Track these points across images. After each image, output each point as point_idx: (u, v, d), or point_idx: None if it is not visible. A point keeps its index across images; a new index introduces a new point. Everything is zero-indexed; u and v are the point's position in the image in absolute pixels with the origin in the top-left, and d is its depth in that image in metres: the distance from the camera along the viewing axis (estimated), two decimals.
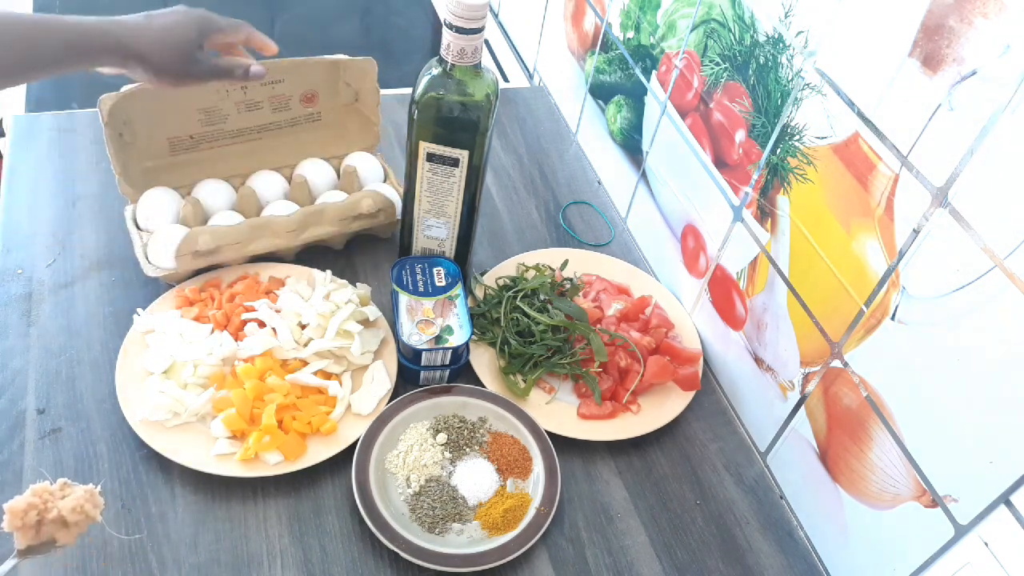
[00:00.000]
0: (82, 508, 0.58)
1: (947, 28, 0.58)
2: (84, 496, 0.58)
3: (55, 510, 0.58)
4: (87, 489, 0.59)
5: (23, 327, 0.84)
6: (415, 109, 0.80)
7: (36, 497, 0.58)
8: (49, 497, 0.58)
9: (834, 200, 0.71)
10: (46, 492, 0.58)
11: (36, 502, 0.58)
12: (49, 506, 0.58)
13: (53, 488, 0.59)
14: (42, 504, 0.58)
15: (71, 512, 0.57)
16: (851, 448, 0.73)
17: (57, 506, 0.58)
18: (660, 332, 0.91)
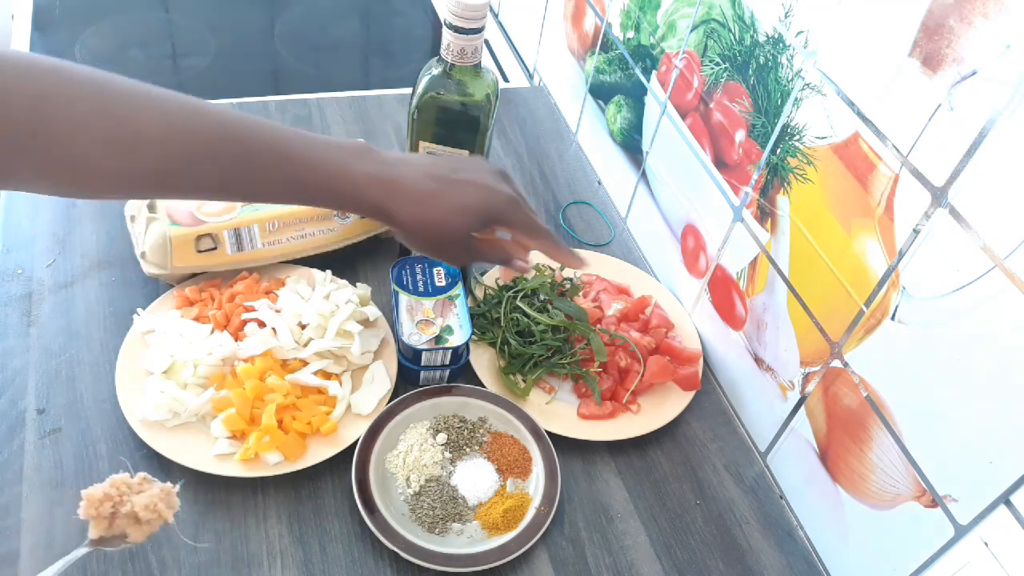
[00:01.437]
0: (156, 507, 0.57)
1: (947, 28, 0.58)
2: (159, 494, 0.58)
3: (129, 504, 0.57)
4: (164, 487, 0.59)
5: (23, 327, 0.84)
6: (415, 109, 0.80)
7: (113, 488, 0.58)
8: (126, 490, 0.58)
9: (834, 200, 0.71)
10: (124, 484, 0.58)
11: (112, 493, 0.57)
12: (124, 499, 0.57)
13: (132, 481, 0.59)
14: (118, 496, 0.57)
15: (144, 509, 0.57)
16: (851, 448, 0.73)
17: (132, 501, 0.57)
18: (660, 332, 0.91)
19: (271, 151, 0.59)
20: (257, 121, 0.60)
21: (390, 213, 0.63)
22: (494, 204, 0.65)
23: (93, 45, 1.27)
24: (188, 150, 0.57)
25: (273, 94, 1.21)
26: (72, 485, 0.73)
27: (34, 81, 0.52)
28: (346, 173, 0.61)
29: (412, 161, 0.64)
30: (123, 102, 0.55)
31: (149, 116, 0.55)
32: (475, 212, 0.65)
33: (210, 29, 1.37)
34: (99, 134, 0.54)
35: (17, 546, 0.69)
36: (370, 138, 1.12)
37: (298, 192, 0.61)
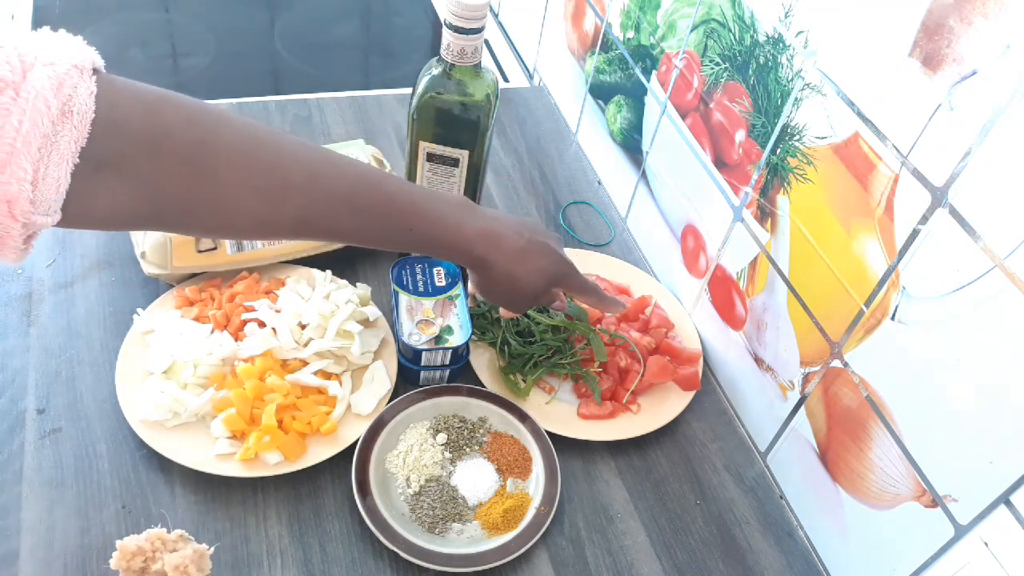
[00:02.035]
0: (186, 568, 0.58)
1: (947, 28, 0.58)
2: (192, 556, 0.58)
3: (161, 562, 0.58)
4: (197, 549, 0.59)
5: (23, 327, 0.84)
6: (415, 109, 0.80)
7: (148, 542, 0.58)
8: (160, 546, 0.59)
9: (834, 200, 0.71)
10: (159, 540, 0.59)
11: (146, 548, 0.58)
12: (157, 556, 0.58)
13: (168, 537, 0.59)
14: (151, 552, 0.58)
15: (174, 569, 0.57)
16: (851, 448, 0.73)
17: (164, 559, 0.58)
18: (660, 332, 0.91)
19: (401, 205, 0.65)
20: (385, 175, 0.66)
21: (492, 264, 0.70)
22: (561, 269, 0.75)
23: (93, 45, 1.27)
24: (329, 199, 0.61)
25: (273, 94, 1.21)
26: (72, 485, 0.73)
27: (195, 127, 0.55)
28: (461, 229, 0.68)
29: (504, 218, 0.72)
30: (273, 151, 0.59)
31: (296, 165, 0.59)
32: (548, 275, 0.74)
33: (210, 29, 1.37)
34: (251, 181, 0.58)
35: (17, 546, 0.69)
36: (370, 138, 1.12)
37: (419, 243, 0.68)
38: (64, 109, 0.48)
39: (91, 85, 0.50)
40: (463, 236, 0.68)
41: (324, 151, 0.63)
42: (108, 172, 0.52)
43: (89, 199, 0.52)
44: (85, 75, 0.50)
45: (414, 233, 0.67)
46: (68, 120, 0.48)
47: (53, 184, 0.49)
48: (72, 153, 0.49)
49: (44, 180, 0.48)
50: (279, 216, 0.61)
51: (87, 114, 0.49)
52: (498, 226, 0.70)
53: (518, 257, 0.70)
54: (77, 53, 0.50)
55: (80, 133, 0.49)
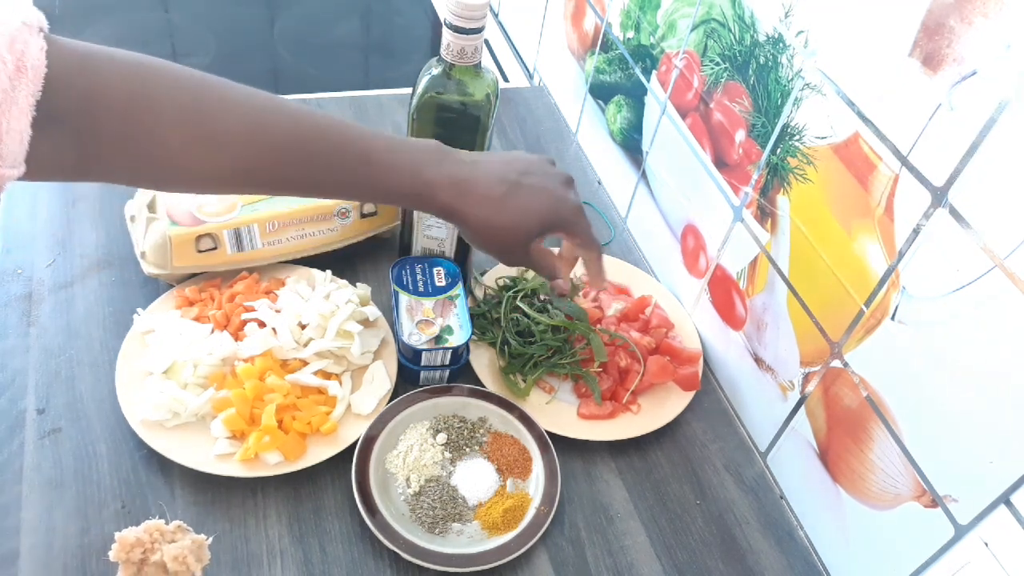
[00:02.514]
0: (184, 559, 0.58)
1: (947, 28, 0.58)
2: (191, 546, 0.59)
3: (160, 553, 0.58)
4: (196, 539, 0.59)
5: (23, 327, 0.84)
6: (415, 109, 0.80)
7: (147, 534, 0.58)
8: (159, 537, 0.59)
9: (834, 200, 0.71)
10: (157, 531, 0.59)
11: (145, 539, 0.58)
12: (156, 547, 0.58)
13: (167, 529, 0.59)
14: (150, 543, 0.58)
15: (173, 560, 0.58)
16: (851, 448, 0.73)
17: (163, 550, 0.58)
18: (660, 332, 0.91)
19: (352, 153, 0.62)
20: (338, 121, 0.62)
21: (462, 215, 0.65)
22: (560, 212, 0.68)
23: None
24: (272, 150, 0.59)
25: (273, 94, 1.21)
26: (72, 485, 0.73)
27: (129, 81, 0.55)
28: (421, 176, 0.63)
29: (484, 163, 0.66)
30: (214, 101, 0.58)
31: (234, 116, 0.58)
32: (541, 219, 0.67)
33: (210, 29, 1.37)
34: (187, 134, 0.57)
35: (17, 546, 0.69)
36: None
37: (375, 192, 0.64)
38: (19, 65, 0.49)
39: (41, 41, 0.51)
40: (425, 184, 0.63)
41: (272, 98, 0.60)
42: (54, 126, 0.53)
43: (41, 153, 0.52)
44: (34, 32, 0.51)
45: (372, 182, 0.63)
46: (23, 75, 0.49)
47: (17, 137, 0.50)
48: (29, 106, 0.50)
49: (8, 134, 0.49)
50: (221, 168, 0.59)
51: (40, 69, 0.50)
52: (472, 172, 0.65)
53: (495, 203, 0.65)
54: (25, 12, 0.51)
55: (35, 87, 0.50)
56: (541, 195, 0.67)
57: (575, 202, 0.69)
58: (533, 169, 0.68)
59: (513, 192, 0.65)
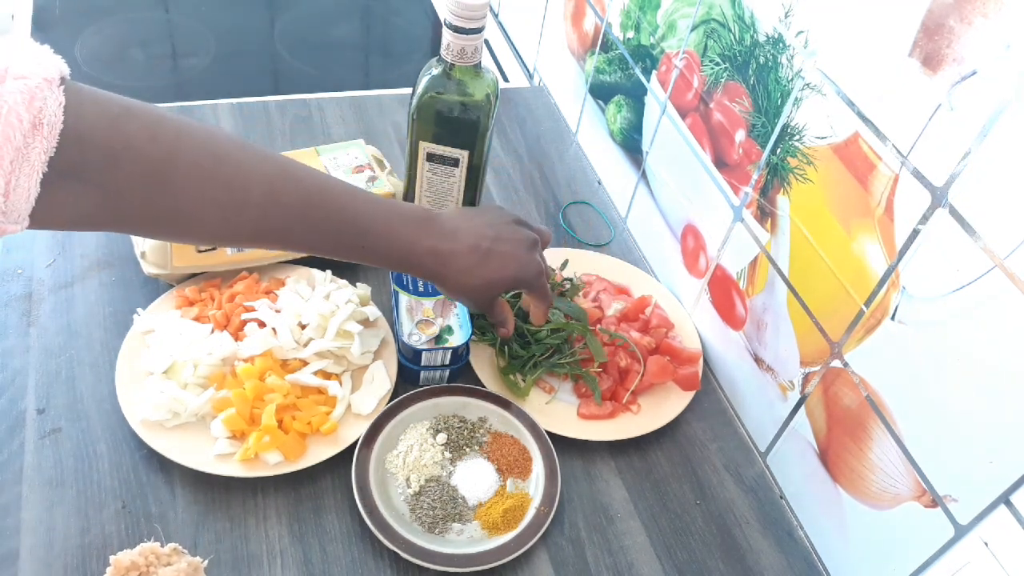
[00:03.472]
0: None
1: (947, 28, 0.58)
2: (186, 569, 0.59)
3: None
4: (192, 562, 0.59)
5: (23, 327, 0.84)
6: (415, 109, 0.80)
7: (142, 557, 0.59)
8: (154, 560, 0.59)
9: (834, 200, 0.71)
10: (153, 554, 0.59)
11: (140, 562, 0.59)
12: (151, 570, 0.58)
13: (162, 551, 0.60)
14: (145, 566, 0.58)
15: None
16: (851, 448, 0.73)
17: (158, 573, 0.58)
18: (660, 332, 0.91)
19: (353, 222, 0.67)
20: (342, 189, 0.67)
21: (443, 279, 0.72)
22: (523, 275, 0.75)
23: (93, 45, 1.28)
24: (284, 215, 0.64)
25: (273, 94, 1.21)
26: (72, 485, 0.73)
27: (157, 141, 0.57)
28: (412, 248, 0.69)
29: (463, 231, 0.72)
30: (233, 167, 0.61)
31: (254, 181, 0.62)
32: (507, 282, 0.74)
33: (210, 29, 1.37)
34: (211, 196, 0.60)
35: (17, 546, 0.69)
36: (370, 138, 1.12)
37: (370, 258, 0.70)
38: (35, 122, 0.49)
39: (60, 96, 0.51)
40: (415, 255, 0.70)
41: (284, 164, 0.64)
42: (72, 181, 0.53)
43: (54, 206, 0.53)
44: (54, 86, 0.51)
45: (366, 249, 0.69)
46: (39, 132, 0.49)
47: (24, 195, 0.50)
48: (41, 163, 0.50)
49: (15, 191, 0.49)
50: (236, 228, 0.63)
51: (56, 125, 0.50)
52: (452, 244, 0.71)
53: (470, 273, 0.72)
54: (47, 64, 0.51)
55: (49, 144, 0.50)
56: (509, 262, 0.73)
57: (537, 265, 0.76)
58: (504, 235, 0.74)
59: (485, 261, 0.72)
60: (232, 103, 1.14)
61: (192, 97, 1.15)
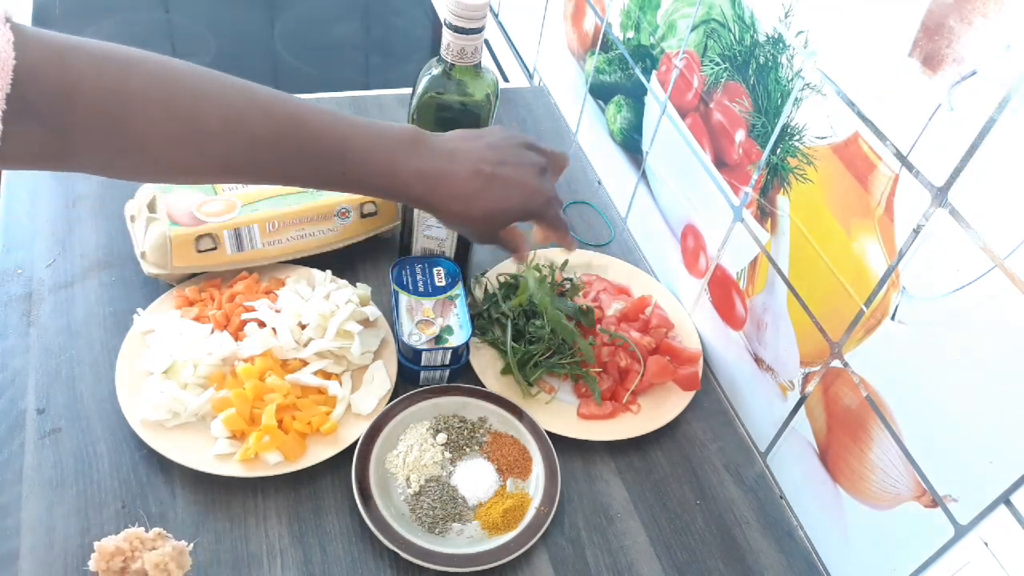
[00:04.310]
0: (166, 566, 0.58)
1: (947, 28, 0.58)
2: (171, 553, 0.58)
3: (140, 561, 0.58)
4: (176, 546, 0.59)
5: (23, 327, 0.84)
6: (415, 109, 0.80)
7: (126, 542, 0.58)
8: (139, 545, 0.59)
9: (834, 200, 0.71)
10: (137, 539, 0.59)
11: (125, 548, 0.58)
12: (136, 555, 0.58)
13: (146, 536, 0.59)
14: (130, 552, 0.58)
15: (154, 568, 0.58)
16: (851, 448, 0.73)
17: (143, 558, 0.58)
18: (660, 332, 0.91)
19: (326, 147, 0.61)
20: (314, 112, 0.61)
21: (435, 207, 0.65)
22: (530, 204, 0.68)
23: None
24: (250, 144, 0.59)
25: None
26: (72, 485, 0.73)
27: (103, 75, 0.54)
28: (395, 170, 0.63)
29: (460, 152, 0.65)
30: (189, 98, 0.57)
31: (213, 112, 0.57)
32: (512, 212, 0.67)
33: (210, 29, 1.37)
34: (165, 130, 0.56)
35: (17, 546, 0.69)
36: None
37: (354, 186, 0.64)
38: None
39: (8, 33, 0.50)
40: (399, 178, 0.63)
41: (249, 91, 0.60)
42: (29, 119, 0.52)
43: (15, 145, 0.52)
44: (1, 23, 0.50)
45: (347, 176, 0.63)
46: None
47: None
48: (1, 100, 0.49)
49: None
50: (199, 164, 0.59)
51: (8, 61, 0.50)
52: (446, 165, 0.64)
53: (468, 197, 0.64)
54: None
55: (4, 80, 0.49)
56: (515, 189, 0.66)
57: (547, 192, 0.69)
58: (508, 158, 0.67)
59: (487, 187, 0.65)
60: None
61: None
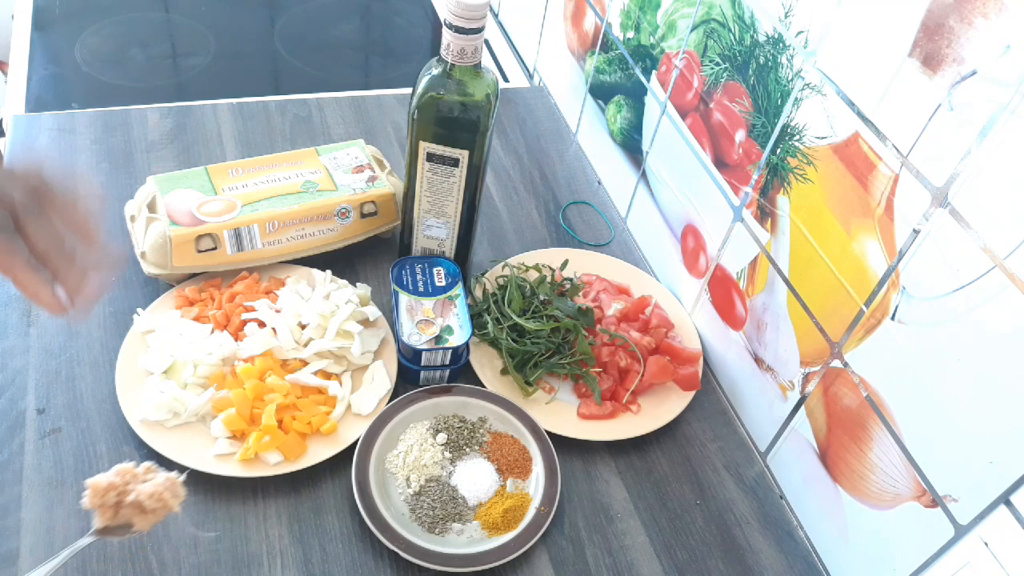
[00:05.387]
0: (161, 496, 0.58)
1: (947, 28, 0.58)
2: (165, 484, 0.58)
3: (135, 493, 0.57)
4: (169, 477, 0.59)
5: (23, 327, 0.84)
6: (415, 109, 0.80)
7: (118, 477, 0.58)
8: (131, 479, 0.58)
9: (834, 200, 0.71)
10: (129, 474, 0.59)
11: (117, 482, 0.58)
12: (129, 488, 0.58)
13: (137, 471, 0.59)
14: (123, 485, 0.58)
15: (149, 498, 0.57)
16: (851, 448, 0.73)
17: (137, 490, 0.57)
18: (660, 332, 0.91)
19: None
20: None
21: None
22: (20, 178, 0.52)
23: (93, 45, 1.27)
24: None
25: (273, 94, 1.21)
26: (72, 485, 0.73)
27: None
28: None
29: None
30: None
31: None
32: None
33: (210, 29, 1.37)
34: None
35: (17, 546, 0.69)
36: (370, 138, 1.12)
37: None
38: None
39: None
40: None
41: None
42: None
43: None
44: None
45: None
46: None
47: None
48: None
49: None
50: None
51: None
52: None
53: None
54: None
55: None
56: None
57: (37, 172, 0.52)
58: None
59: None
60: (232, 103, 1.14)
61: (192, 97, 1.16)
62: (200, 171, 0.92)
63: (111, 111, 1.09)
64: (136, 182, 0.96)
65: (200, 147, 1.07)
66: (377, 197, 0.93)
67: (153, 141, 1.06)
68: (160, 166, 1.03)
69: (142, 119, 1.09)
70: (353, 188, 0.93)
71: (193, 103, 1.13)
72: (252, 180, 0.92)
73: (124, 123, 1.08)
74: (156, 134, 1.07)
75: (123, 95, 1.18)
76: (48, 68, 1.22)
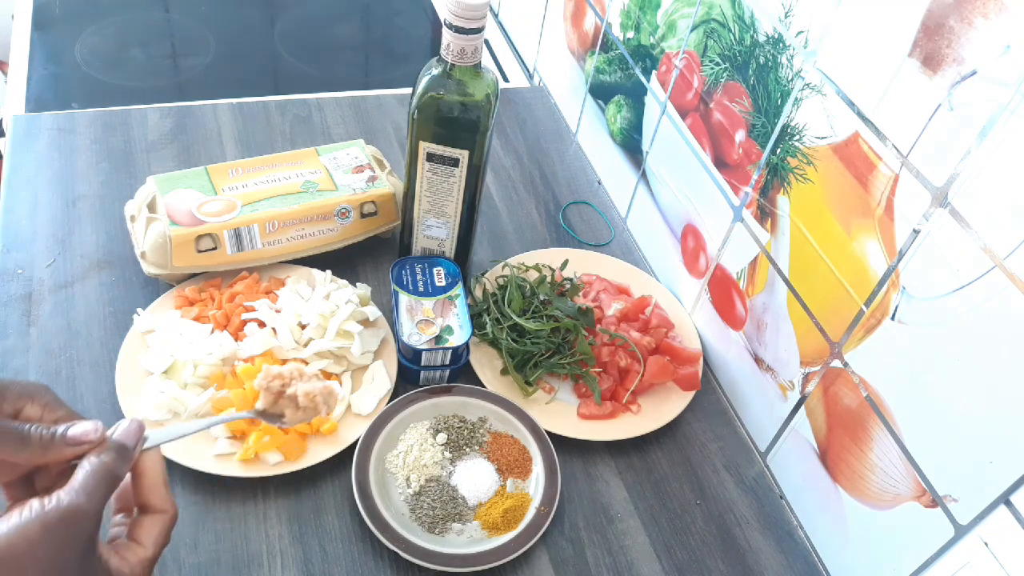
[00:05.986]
0: (314, 397, 0.61)
1: (947, 28, 0.58)
2: (322, 389, 0.62)
3: (295, 388, 0.61)
4: (327, 385, 0.63)
5: (23, 327, 0.84)
6: (415, 109, 0.80)
7: (289, 371, 0.62)
8: (299, 376, 0.62)
9: (834, 200, 0.71)
10: (299, 372, 0.62)
11: (285, 374, 0.61)
12: (293, 383, 0.61)
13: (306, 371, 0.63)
14: (288, 379, 0.61)
15: (304, 396, 0.61)
16: (851, 448, 0.73)
17: (298, 386, 0.61)
18: (660, 332, 0.91)
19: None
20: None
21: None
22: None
23: (93, 45, 1.27)
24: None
25: (273, 94, 1.21)
26: None
27: None
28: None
29: None
30: None
31: None
32: None
33: (210, 29, 1.37)
34: None
35: None
36: (370, 138, 1.12)
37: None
38: None
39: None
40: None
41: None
42: None
43: None
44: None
45: None
46: None
47: None
48: None
49: None
50: None
51: None
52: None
53: None
54: None
55: None
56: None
57: None
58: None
59: None
60: (232, 103, 1.14)
61: (192, 97, 1.16)
62: (200, 171, 0.92)
63: (111, 111, 1.09)
64: (136, 182, 0.96)
65: (200, 147, 1.07)
66: (377, 197, 0.93)
67: (153, 141, 1.06)
68: (160, 166, 1.03)
69: (142, 119, 1.09)
70: (353, 188, 0.93)
71: (193, 103, 1.13)
72: (252, 180, 0.92)
73: (124, 123, 1.08)
74: (156, 134, 1.07)
75: (123, 95, 1.18)
76: (48, 68, 1.22)
